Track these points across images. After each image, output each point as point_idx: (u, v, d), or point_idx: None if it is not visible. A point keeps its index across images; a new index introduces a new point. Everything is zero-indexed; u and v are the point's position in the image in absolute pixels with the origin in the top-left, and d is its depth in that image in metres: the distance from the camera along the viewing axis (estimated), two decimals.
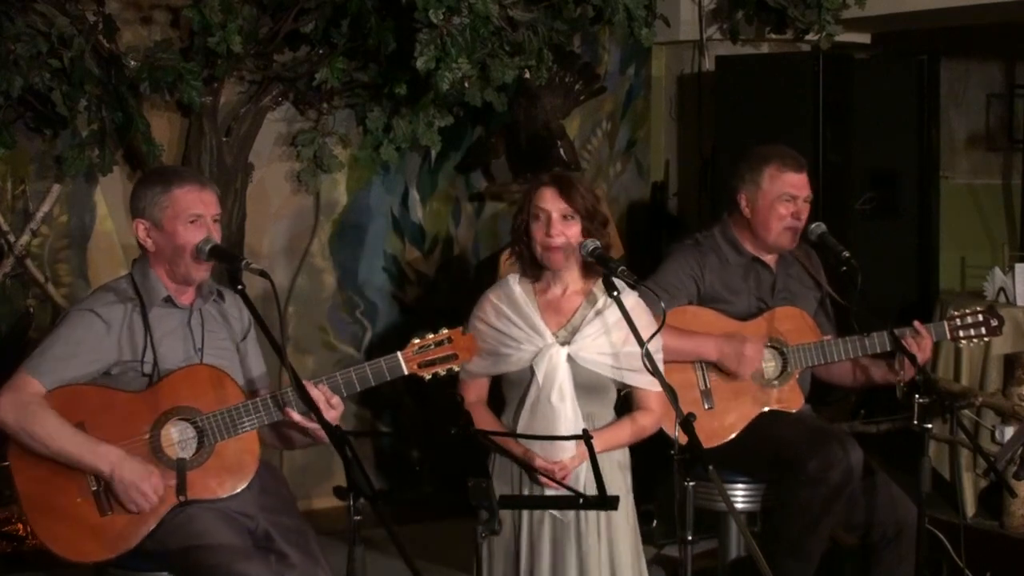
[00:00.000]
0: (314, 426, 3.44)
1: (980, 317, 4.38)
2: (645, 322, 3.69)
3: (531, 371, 3.71)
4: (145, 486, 3.39)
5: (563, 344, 3.73)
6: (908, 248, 6.02)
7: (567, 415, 3.70)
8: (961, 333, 4.38)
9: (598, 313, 3.76)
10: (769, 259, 4.41)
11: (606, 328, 3.75)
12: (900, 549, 4.15)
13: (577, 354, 3.72)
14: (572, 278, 3.81)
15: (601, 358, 3.73)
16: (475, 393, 3.83)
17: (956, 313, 4.41)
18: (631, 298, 3.77)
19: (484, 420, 3.79)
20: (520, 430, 3.72)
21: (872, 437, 5.21)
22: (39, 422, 3.38)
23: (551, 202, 3.73)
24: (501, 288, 3.84)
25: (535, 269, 3.80)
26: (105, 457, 3.40)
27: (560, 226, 3.72)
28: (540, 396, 3.70)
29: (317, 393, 3.44)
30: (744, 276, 4.37)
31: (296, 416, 3.47)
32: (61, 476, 3.41)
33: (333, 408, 3.47)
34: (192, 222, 3.54)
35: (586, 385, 3.74)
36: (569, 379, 3.71)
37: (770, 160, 4.33)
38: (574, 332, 3.76)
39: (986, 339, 4.44)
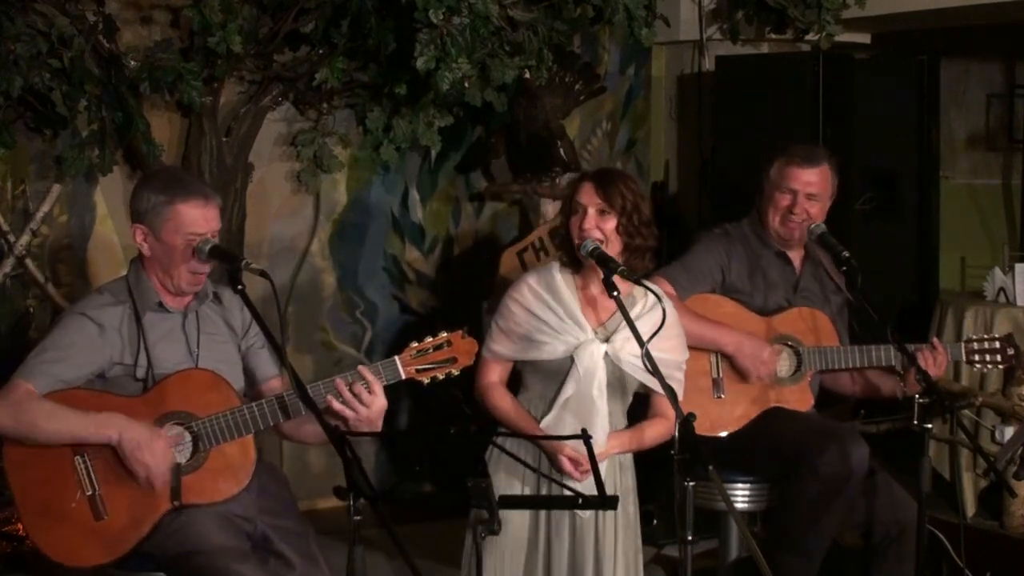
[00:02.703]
0: (352, 414, 3.44)
1: (997, 344, 4.40)
2: (675, 333, 3.76)
3: (570, 363, 3.71)
4: (154, 447, 3.37)
5: (602, 342, 3.75)
6: (908, 248, 6.02)
7: (604, 411, 3.74)
8: (976, 357, 4.40)
9: (638, 316, 3.77)
10: (794, 257, 4.43)
11: (644, 331, 3.77)
12: (901, 549, 4.15)
13: (614, 353, 3.74)
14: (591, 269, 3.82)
15: (636, 360, 3.73)
16: (496, 374, 3.84)
17: (975, 337, 4.44)
18: (667, 308, 3.75)
19: (503, 403, 3.80)
20: (551, 421, 3.72)
21: (872, 437, 5.21)
22: (35, 414, 3.38)
23: (588, 197, 3.75)
24: (542, 274, 3.83)
25: (576, 263, 3.81)
26: (109, 423, 3.39)
27: (595, 220, 3.73)
28: (580, 390, 3.71)
29: (349, 395, 3.45)
30: (768, 270, 4.38)
31: (336, 404, 3.45)
32: (55, 481, 3.41)
33: (375, 396, 3.46)
34: (191, 241, 3.52)
35: (614, 385, 3.77)
36: (606, 377, 3.74)
37: (784, 153, 4.37)
38: (612, 331, 3.77)
39: (1001, 366, 4.47)
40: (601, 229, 3.72)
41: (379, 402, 3.47)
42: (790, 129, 5.56)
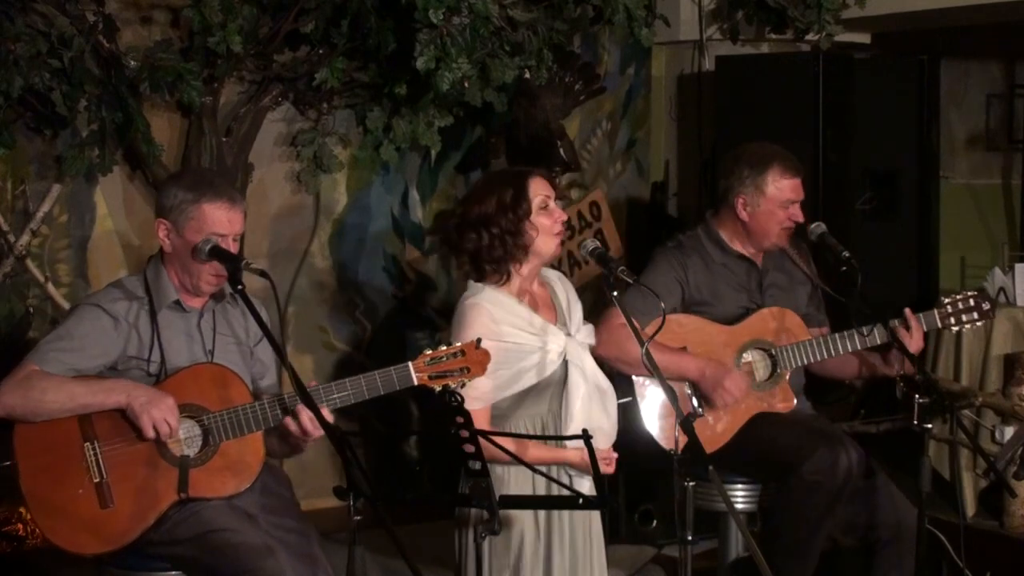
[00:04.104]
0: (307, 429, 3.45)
1: (971, 302, 4.34)
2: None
3: (564, 369, 3.68)
4: (162, 404, 3.39)
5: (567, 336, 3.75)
6: (908, 248, 6.02)
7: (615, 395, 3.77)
8: (952, 320, 4.34)
9: (569, 302, 3.81)
10: (756, 256, 4.40)
11: (578, 317, 3.81)
12: (900, 550, 4.15)
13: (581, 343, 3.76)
14: (537, 270, 3.81)
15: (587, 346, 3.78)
16: (484, 418, 3.64)
17: (947, 300, 4.36)
18: (567, 284, 3.85)
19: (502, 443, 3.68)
20: (579, 424, 3.64)
21: (872, 437, 5.22)
22: (43, 386, 3.40)
23: (547, 188, 3.73)
24: (484, 299, 3.68)
25: (505, 270, 3.70)
26: (116, 388, 3.42)
27: (558, 209, 3.74)
28: (591, 385, 3.70)
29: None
30: (730, 275, 4.36)
31: (294, 422, 3.46)
32: (63, 467, 3.42)
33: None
34: None
35: None
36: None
37: (771, 164, 4.29)
38: (565, 324, 3.78)
39: (979, 323, 4.37)
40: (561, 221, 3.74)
41: (318, 433, 3.46)
42: (790, 129, 5.56)
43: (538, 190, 3.70)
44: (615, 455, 3.65)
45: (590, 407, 3.69)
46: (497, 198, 3.68)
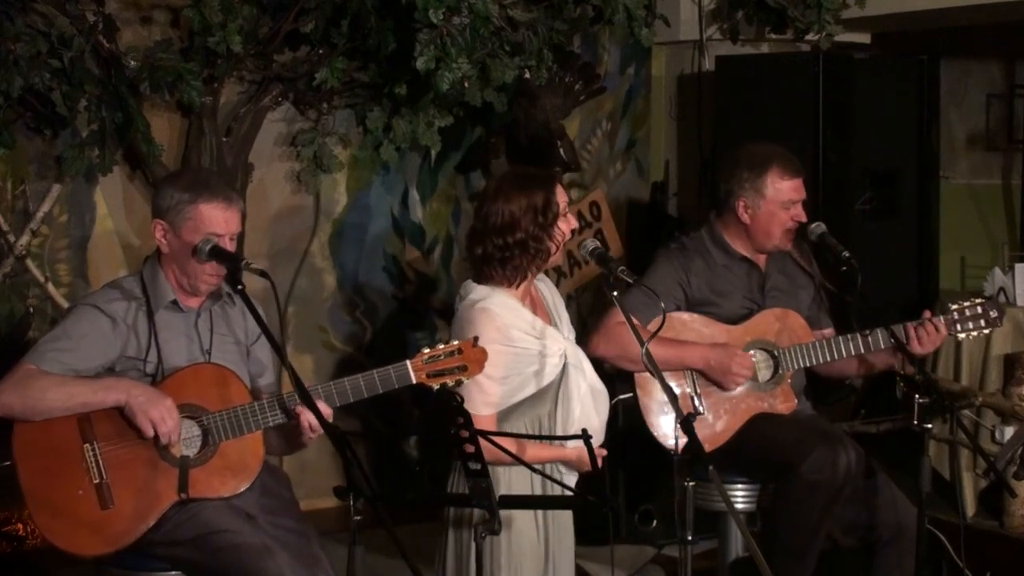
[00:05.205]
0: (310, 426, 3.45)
1: (979, 309, 4.31)
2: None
3: (563, 370, 3.68)
4: (161, 403, 3.39)
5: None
6: (908, 248, 6.03)
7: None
8: (959, 327, 4.32)
9: (552, 301, 3.82)
10: (759, 258, 4.39)
11: (565, 316, 3.83)
12: (900, 550, 4.14)
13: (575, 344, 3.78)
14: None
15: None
16: (492, 424, 3.63)
17: (954, 307, 4.33)
18: (552, 286, 3.86)
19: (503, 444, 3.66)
20: (577, 424, 3.65)
21: (872, 437, 5.21)
22: (42, 385, 3.40)
23: (564, 195, 3.74)
24: (494, 304, 3.65)
25: (522, 275, 3.70)
26: (116, 386, 3.42)
27: (572, 217, 3.76)
28: (586, 385, 3.70)
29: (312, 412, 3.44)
30: (732, 277, 4.35)
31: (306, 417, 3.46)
32: (63, 468, 3.42)
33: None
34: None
35: None
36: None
37: (770, 166, 4.26)
38: (557, 326, 3.78)
39: (986, 331, 4.34)
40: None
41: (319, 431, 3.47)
42: (790, 129, 5.56)
43: (561, 195, 3.71)
44: (604, 451, 3.66)
45: (586, 407, 3.70)
46: (528, 201, 3.64)
